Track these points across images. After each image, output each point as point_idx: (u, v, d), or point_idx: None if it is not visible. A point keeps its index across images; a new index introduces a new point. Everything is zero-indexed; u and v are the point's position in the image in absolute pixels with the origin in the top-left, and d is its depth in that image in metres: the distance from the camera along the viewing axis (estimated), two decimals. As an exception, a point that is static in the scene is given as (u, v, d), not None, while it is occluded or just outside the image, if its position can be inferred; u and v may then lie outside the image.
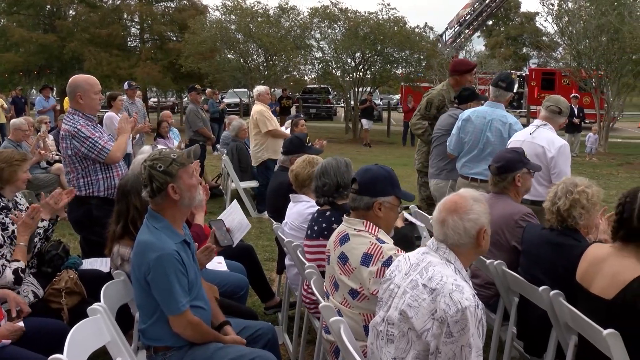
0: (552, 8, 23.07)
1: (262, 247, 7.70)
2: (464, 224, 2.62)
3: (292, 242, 4.29)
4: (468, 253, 2.68)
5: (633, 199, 3.10)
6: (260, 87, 10.11)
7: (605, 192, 13.21)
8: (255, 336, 3.57)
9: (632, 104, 50.05)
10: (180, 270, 3.14)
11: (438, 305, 2.45)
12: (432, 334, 2.46)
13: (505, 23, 63.64)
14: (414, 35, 25.23)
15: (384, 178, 3.32)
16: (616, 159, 19.93)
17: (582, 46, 22.26)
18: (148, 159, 3.22)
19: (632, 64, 21.93)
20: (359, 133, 25.20)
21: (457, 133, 5.76)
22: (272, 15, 26.61)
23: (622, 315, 2.97)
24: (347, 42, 24.43)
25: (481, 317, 2.47)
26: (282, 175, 5.47)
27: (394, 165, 16.31)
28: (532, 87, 31.79)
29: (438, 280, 2.52)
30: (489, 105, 5.73)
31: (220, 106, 19.83)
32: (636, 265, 3.05)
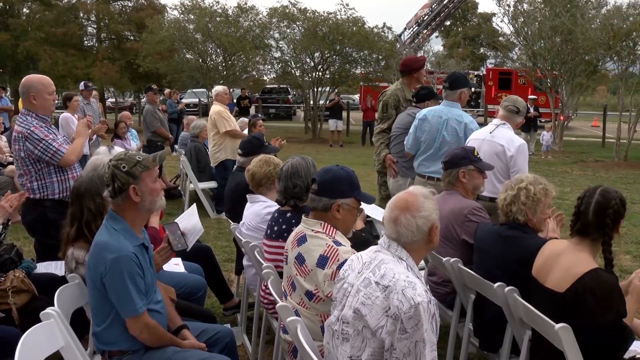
0: (508, 9, 23.46)
1: (221, 248, 7.66)
2: (416, 222, 2.64)
3: (250, 242, 4.27)
4: (420, 249, 2.71)
5: (591, 194, 3.21)
6: (218, 87, 10.04)
7: (560, 189, 13.61)
8: (213, 339, 3.55)
9: (586, 103, 51.21)
10: (138, 272, 3.11)
11: (391, 302, 2.47)
12: (386, 331, 2.48)
13: (463, 23, 64.42)
14: (372, 36, 25.34)
15: (344, 179, 3.31)
16: (570, 157, 20.34)
17: (537, 47, 22.66)
18: (113, 159, 3.22)
19: (585, 64, 22.39)
20: (319, 133, 25.22)
21: (414, 132, 5.80)
22: (231, 15, 26.44)
23: (573, 308, 3.03)
24: (306, 42, 24.43)
25: (434, 312, 2.49)
26: (240, 175, 5.44)
27: (353, 164, 16.41)
28: (490, 87, 32.23)
29: (390, 277, 2.53)
30: (445, 105, 5.78)
31: (178, 106, 19.64)
32: (589, 259, 3.13)
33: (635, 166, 17.94)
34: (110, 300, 3.10)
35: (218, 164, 9.51)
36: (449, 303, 4.27)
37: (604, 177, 15.81)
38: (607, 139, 23.82)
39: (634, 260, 7.64)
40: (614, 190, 3.25)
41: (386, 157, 6.39)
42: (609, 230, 3.16)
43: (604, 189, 3.24)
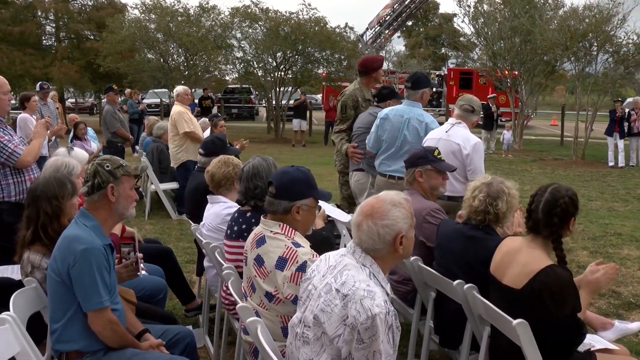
0: (468, 10, 23.76)
1: (183, 249, 7.61)
2: (377, 230, 2.57)
3: (210, 243, 4.25)
4: (385, 258, 2.64)
5: (542, 192, 3.26)
6: (179, 88, 9.96)
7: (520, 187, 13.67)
8: (173, 341, 3.53)
9: (545, 103, 52.10)
10: (105, 266, 3.12)
11: (349, 311, 2.43)
12: (343, 340, 2.45)
13: (425, 24, 64.93)
14: (334, 36, 25.36)
15: (302, 180, 3.31)
16: (530, 155, 20.68)
17: (497, 47, 23.00)
18: (99, 158, 3.34)
19: (543, 64, 22.79)
20: (281, 133, 25.18)
21: (375, 131, 5.82)
22: (192, 14, 26.26)
23: (530, 305, 3.08)
24: (268, 41, 24.36)
25: (392, 323, 2.46)
26: (200, 176, 5.40)
27: (315, 164, 16.44)
28: (451, 87, 32.59)
29: (350, 286, 2.49)
30: (406, 104, 5.81)
31: (139, 107, 19.46)
32: (544, 256, 3.18)
33: (592, 164, 18.32)
34: (73, 296, 3.08)
35: (179, 165, 9.43)
36: (409, 301, 4.31)
37: (563, 175, 16.10)
38: (565, 138, 24.27)
39: (591, 256, 7.79)
40: (565, 188, 3.29)
41: (347, 148, 6.37)
42: (557, 229, 3.21)
43: (555, 187, 3.28)
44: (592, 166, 17.97)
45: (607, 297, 6.27)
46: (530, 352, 2.97)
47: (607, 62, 19.77)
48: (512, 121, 23.04)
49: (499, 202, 3.67)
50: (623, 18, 18.73)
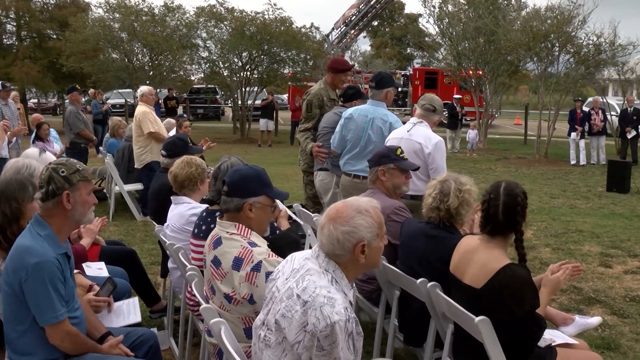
0: (433, 10, 23.96)
1: (148, 251, 7.54)
2: (337, 235, 2.53)
3: (174, 244, 4.22)
4: (348, 264, 2.60)
5: (496, 195, 3.27)
6: (143, 88, 9.86)
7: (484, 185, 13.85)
8: (137, 343, 3.49)
9: (509, 102, 52.77)
10: (59, 278, 3.03)
11: (309, 318, 2.41)
12: (303, 346, 2.43)
13: (390, 24, 65.22)
14: (300, 35, 25.37)
15: (253, 178, 3.29)
16: (494, 154, 20.94)
17: (461, 47, 23.21)
18: (53, 162, 3.21)
19: (507, 64, 23.09)
20: (247, 133, 25.08)
21: (340, 131, 5.84)
22: (157, 14, 26.01)
23: (490, 303, 3.12)
24: (233, 41, 24.25)
25: (352, 330, 2.43)
26: (164, 177, 5.36)
27: (281, 164, 16.43)
28: (416, 86, 32.82)
29: (311, 292, 2.46)
30: (370, 104, 5.83)
31: (103, 107, 19.24)
32: (502, 255, 3.23)
33: (554, 162, 18.61)
34: (27, 308, 3.00)
35: (144, 166, 9.34)
36: (374, 300, 4.33)
37: (526, 173, 16.34)
38: (528, 137, 24.61)
39: (553, 253, 7.92)
40: (514, 185, 3.33)
41: (312, 147, 6.37)
42: (520, 227, 3.27)
43: (507, 187, 3.30)
44: (555, 164, 18.26)
45: (569, 292, 6.38)
46: (493, 349, 3.01)
47: (569, 63, 20.09)
48: (476, 120, 23.28)
49: (449, 198, 3.71)
50: (583, 19, 19.08)
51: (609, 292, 6.49)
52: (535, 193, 12.76)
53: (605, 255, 7.91)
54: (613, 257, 7.83)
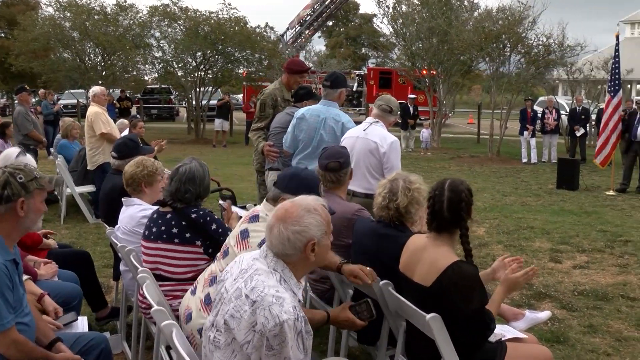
0: (387, 10, 24.12)
1: (100, 254, 7.43)
2: (288, 235, 2.54)
3: (126, 246, 4.17)
4: (297, 264, 2.61)
5: (441, 191, 3.32)
6: (95, 88, 9.72)
7: (438, 185, 13.98)
8: (87, 347, 3.43)
9: (463, 102, 53.50)
10: (8, 285, 2.95)
11: (258, 318, 2.41)
12: (252, 346, 2.43)
13: (345, 24, 65.56)
14: (254, 35, 25.25)
15: (307, 180, 3.50)
16: (448, 153, 21.21)
17: (415, 47, 23.43)
18: (10, 166, 3.13)
19: (460, 64, 23.40)
20: (202, 133, 24.89)
21: (292, 131, 5.84)
22: (109, 13, 25.58)
23: (439, 301, 3.16)
24: (187, 41, 24.01)
25: (301, 329, 2.44)
26: (115, 178, 5.30)
27: (236, 164, 16.34)
28: (371, 86, 33.02)
29: (259, 292, 2.46)
30: (323, 104, 5.84)
31: (55, 108, 18.88)
32: (449, 252, 3.27)
33: (506, 161, 18.95)
34: None
35: (97, 168, 9.21)
36: (327, 299, 4.35)
37: (479, 171, 16.59)
38: (481, 136, 24.98)
39: (505, 249, 8.06)
40: (459, 181, 3.38)
41: (264, 146, 6.36)
42: (465, 222, 3.31)
43: (451, 183, 3.34)
44: (507, 162, 18.60)
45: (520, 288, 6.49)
46: (444, 345, 3.06)
47: (520, 63, 20.47)
48: (430, 120, 23.54)
49: (398, 196, 3.75)
50: (533, 21, 19.51)
51: (559, 286, 6.63)
52: (487, 191, 12.98)
53: (555, 251, 8.09)
54: (562, 252, 8.01)
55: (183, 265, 3.88)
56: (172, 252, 3.88)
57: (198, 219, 3.89)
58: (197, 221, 3.88)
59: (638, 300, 6.25)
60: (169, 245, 3.87)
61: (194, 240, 3.87)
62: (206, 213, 3.95)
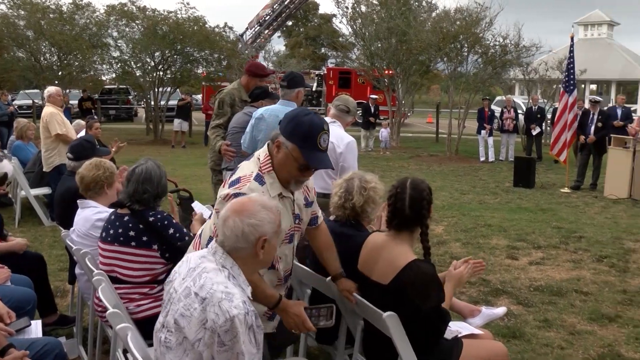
0: (346, 11, 24.18)
1: (56, 257, 7.32)
2: (243, 227, 2.55)
3: (81, 249, 4.12)
4: (247, 261, 2.62)
5: (403, 189, 3.36)
6: (51, 88, 9.57)
7: (397, 184, 14.08)
8: (41, 353, 3.38)
9: (422, 101, 53.99)
10: None
11: (208, 314, 2.41)
12: (204, 344, 2.43)
13: (304, 24, 65.57)
14: (213, 35, 25.09)
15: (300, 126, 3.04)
16: (407, 152, 21.38)
17: (374, 47, 23.54)
18: None
19: (418, 64, 23.61)
20: (161, 134, 24.66)
21: (250, 131, 5.81)
22: (65, 11, 25.11)
23: (397, 299, 3.20)
24: (145, 41, 23.73)
25: (252, 323, 2.46)
26: (70, 180, 5.21)
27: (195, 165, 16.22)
28: (330, 86, 33.09)
29: (208, 289, 2.47)
30: (281, 104, 5.83)
31: (9, 109, 18.48)
32: (408, 251, 3.31)
33: (465, 159, 19.19)
34: None
35: (52, 169, 9.06)
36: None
37: (437, 170, 16.75)
38: (440, 135, 25.23)
39: (463, 247, 8.17)
40: (420, 180, 3.45)
41: (221, 145, 6.34)
42: (426, 220, 3.36)
43: (413, 182, 3.40)
44: (465, 161, 18.83)
45: (477, 285, 6.60)
46: (401, 343, 3.09)
47: (477, 63, 20.75)
48: (389, 119, 23.70)
49: (354, 196, 3.78)
50: (490, 22, 19.80)
51: (515, 283, 6.75)
52: (446, 189, 13.13)
53: (512, 247, 8.22)
54: (519, 249, 8.15)
55: (139, 269, 3.85)
56: (128, 255, 3.84)
57: (156, 222, 3.86)
58: (154, 225, 3.85)
59: (591, 294, 6.40)
60: (126, 248, 3.84)
61: (151, 244, 3.84)
62: (164, 217, 3.93)
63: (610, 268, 7.34)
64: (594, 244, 8.48)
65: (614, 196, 12.30)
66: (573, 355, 4.97)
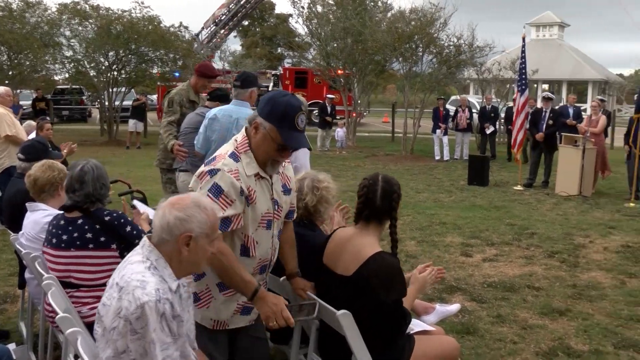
0: (302, 11, 24.20)
1: (6, 262, 7.18)
2: (168, 218, 2.55)
3: (30, 253, 4.03)
4: (172, 256, 2.59)
5: (375, 182, 3.43)
6: (0, 88, 9.33)
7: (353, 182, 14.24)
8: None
9: (378, 101, 54.30)
10: None
11: (122, 303, 2.42)
12: (118, 332, 2.42)
13: (261, 24, 65.28)
14: (168, 35, 24.86)
15: (278, 106, 3.07)
16: (363, 151, 21.50)
17: (330, 47, 23.61)
18: None
19: (374, 64, 23.76)
20: (115, 134, 24.32)
21: (204, 131, 5.78)
22: (15, 10, 24.59)
23: (360, 290, 3.23)
24: (99, 40, 23.36)
25: (164, 311, 2.44)
26: (20, 182, 5.10)
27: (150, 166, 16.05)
28: (286, 86, 33.03)
29: (127, 278, 2.48)
30: (235, 104, 5.81)
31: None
32: (374, 243, 3.35)
33: (420, 158, 19.39)
34: None
35: (2, 171, 8.84)
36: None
37: (393, 169, 16.88)
38: (396, 134, 25.45)
39: (418, 245, 8.25)
40: (391, 177, 3.53)
41: (173, 144, 6.30)
42: (395, 213, 3.43)
43: (385, 176, 3.49)
44: (420, 160, 19.03)
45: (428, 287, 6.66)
46: (354, 341, 3.11)
47: (432, 63, 20.99)
48: (345, 119, 23.80)
49: (307, 195, 3.80)
50: (444, 22, 20.08)
51: (469, 279, 6.85)
52: (402, 188, 13.20)
53: (466, 245, 8.35)
54: (473, 246, 8.28)
55: (98, 271, 3.79)
56: (86, 259, 3.77)
57: (112, 221, 3.81)
58: (111, 223, 3.80)
59: (542, 289, 6.54)
60: (84, 251, 3.77)
61: (109, 243, 3.78)
62: (120, 215, 3.88)
63: (561, 263, 7.51)
64: (545, 240, 8.67)
65: (565, 193, 12.58)
66: (525, 349, 5.06)
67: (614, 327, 5.54)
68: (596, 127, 13.03)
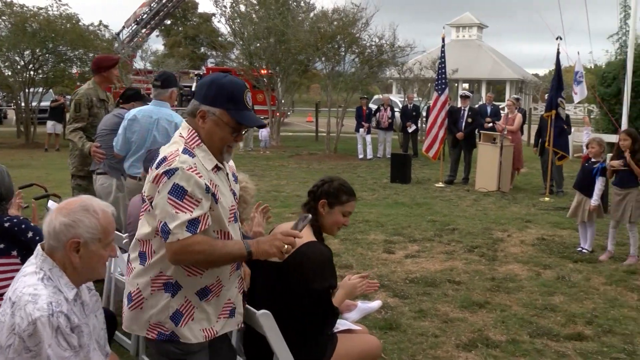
0: (225, 10, 23.99)
1: None
2: (55, 224, 2.48)
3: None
4: (65, 264, 2.52)
5: (333, 179, 3.60)
6: None
7: (277, 182, 14.24)
8: None
9: (302, 100, 54.49)
10: None
11: (15, 319, 2.33)
12: (14, 350, 2.32)
13: (183, 23, 64.53)
14: (88, 34, 24.25)
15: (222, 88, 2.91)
16: (287, 151, 21.52)
17: (253, 47, 23.52)
18: None
19: (297, 63, 23.79)
20: (32, 137, 23.53)
21: (123, 133, 5.67)
22: None
23: (291, 274, 3.25)
24: (14, 38, 22.55)
25: (58, 325, 2.36)
26: None
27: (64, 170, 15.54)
28: (210, 86, 32.73)
29: (19, 293, 2.39)
30: (154, 105, 5.72)
31: None
32: (309, 234, 3.40)
33: (343, 157, 19.58)
34: None
35: None
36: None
37: (317, 168, 16.99)
38: (319, 133, 25.60)
39: (341, 244, 8.28)
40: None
41: (90, 146, 6.11)
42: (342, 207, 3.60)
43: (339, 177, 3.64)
44: (344, 159, 19.21)
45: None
46: (275, 341, 3.12)
47: (354, 62, 21.21)
48: (269, 119, 23.78)
49: (244, 195, 3.80)
50: (366, 22, 20.31)
51: (392, 276, 6.96)
52: (326, 187, 13.30)
53: (389, 242, 8.47)
54: (396, 243, 8.41)
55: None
56: None
57: (12, 227, 3.67)
58: (11, 230, 3.66)
59: (463, 283, 6.71)
60: None
61: (10, 250, 3.64)
62: (20, 220, 3.74)
63: (481, 257, 7.73)
64: (466, 235, 8.90)
65: (484, 189, 12.95)
66: (446, 342, 5.18)
67: (529, 316, 5.75)
68: (512, 125, 13.47)
